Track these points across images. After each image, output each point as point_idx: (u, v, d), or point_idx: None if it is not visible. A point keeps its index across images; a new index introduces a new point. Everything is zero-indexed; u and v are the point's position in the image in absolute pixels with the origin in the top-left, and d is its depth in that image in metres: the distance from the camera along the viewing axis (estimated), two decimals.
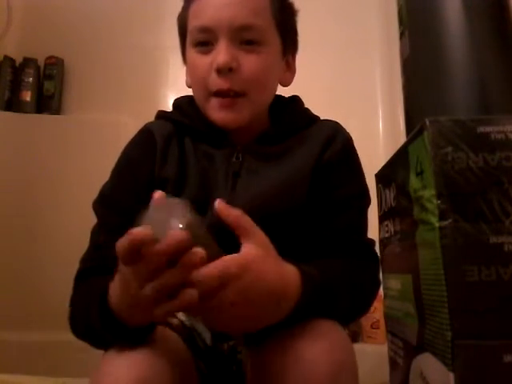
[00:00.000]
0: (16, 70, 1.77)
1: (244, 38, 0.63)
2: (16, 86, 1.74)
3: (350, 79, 1.74)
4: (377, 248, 0.64)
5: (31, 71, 1.76)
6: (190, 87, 0.71)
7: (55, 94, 1.76)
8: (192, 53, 0.66)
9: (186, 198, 0.63)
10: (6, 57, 1.75)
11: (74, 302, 0.60)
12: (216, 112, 0.64)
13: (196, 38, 0.65)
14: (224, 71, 0.62)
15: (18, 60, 1.78)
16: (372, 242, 0.67)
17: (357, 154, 0.71)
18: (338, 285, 0.56)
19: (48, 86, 1.76)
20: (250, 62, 0.63)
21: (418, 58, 0.70)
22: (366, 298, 0.64)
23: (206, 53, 0.64)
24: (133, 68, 1.80)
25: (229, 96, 0.63)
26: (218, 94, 0.63)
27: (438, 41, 0.67)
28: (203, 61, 0.64)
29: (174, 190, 0.64)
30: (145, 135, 0.70)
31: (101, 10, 1.86)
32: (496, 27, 0.67)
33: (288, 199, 0.64)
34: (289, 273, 0.49)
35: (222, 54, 0.62)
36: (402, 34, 0.74)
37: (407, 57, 0.72)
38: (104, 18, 1.85)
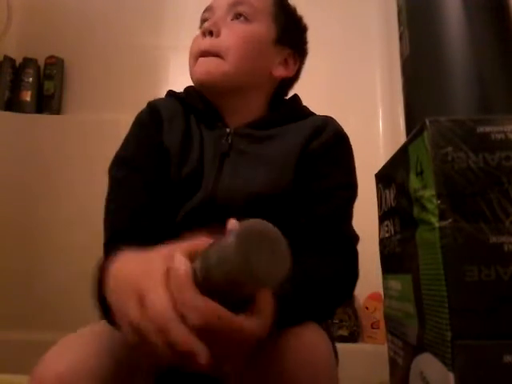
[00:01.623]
0: (16, 70, 1.77)
1: (236, 11, 0.70)
2: (16, 85, 1.75)
3: (350, 79, 1.74)
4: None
5: (31, 71, 1.76)
6: None
7: (55, 93, 1.76)
8: (197, 33, 0.73)
9: (187, 170, 0.66)
10: (5, 57, 1.75)
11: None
12: (195, 69, 0.69)
13: (201, 18, 0.74)
14: (206, 33, 0.69)
15: (18, 60, 1.78)
16: (355, 236, 0.67)
17: (348, 147, 0.71)
18: (310, 296, 0.55)
19: (48, 85, 1.76)
20: (231, 29, 0.69)
21: (418, 58, 0.70)
22: (340, 295, 0.64)
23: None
24: (133, 68, 1.80)
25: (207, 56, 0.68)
26: (200, 54, 0.69)
27: (438, 41, 0.67)
28: (200, 39, 0.70)
29: (176, 160, 0.67)
30: (150, 107, 0.74)
31: (101, 10, 1.86)
32: (496, 27, 0.67)
33: (274, 182, 0.65)
34: None
35: (209, 21, 0.70)
36: (401, 34, 0.74)
37: (407, 57, 0.72)
38: (104, 17, 1.85)
